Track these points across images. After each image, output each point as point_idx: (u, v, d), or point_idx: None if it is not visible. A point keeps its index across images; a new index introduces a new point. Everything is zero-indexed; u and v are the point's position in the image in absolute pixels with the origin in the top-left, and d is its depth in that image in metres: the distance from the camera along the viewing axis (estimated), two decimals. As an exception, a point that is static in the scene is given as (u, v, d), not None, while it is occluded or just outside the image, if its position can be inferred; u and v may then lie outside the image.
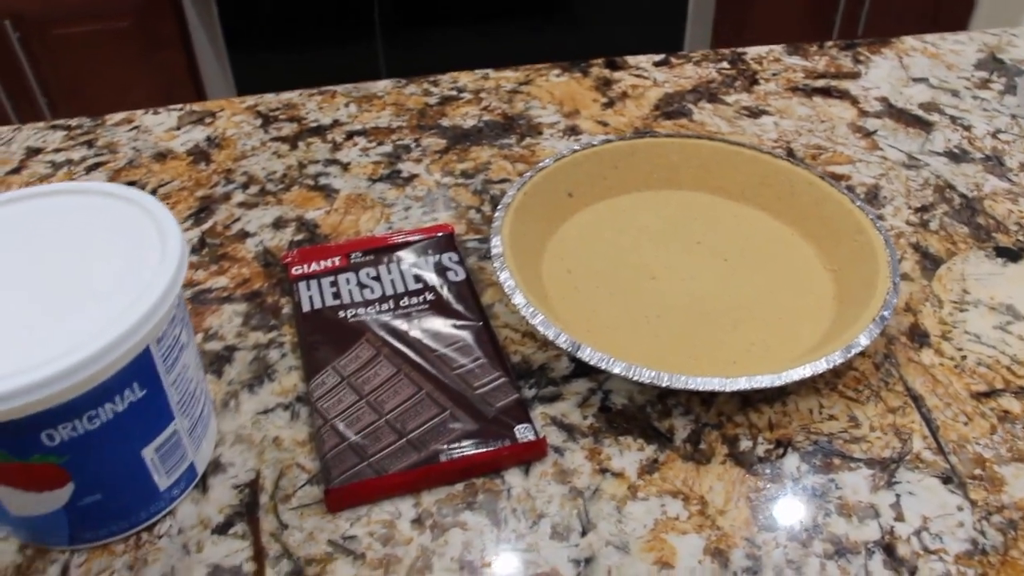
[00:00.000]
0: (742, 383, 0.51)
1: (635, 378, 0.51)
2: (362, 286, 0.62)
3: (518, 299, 0.56)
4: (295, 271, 0.64)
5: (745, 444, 0.53)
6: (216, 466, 0.53)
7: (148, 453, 0.46)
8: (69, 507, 0.45)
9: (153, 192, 0.74)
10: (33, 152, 0.83)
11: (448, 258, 0.65)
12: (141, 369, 0.43)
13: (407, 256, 0.65)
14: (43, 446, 0.41)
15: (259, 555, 0.48)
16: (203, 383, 0.51)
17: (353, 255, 0.65)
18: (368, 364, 0.56)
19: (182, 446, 0.49)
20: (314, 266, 0.64)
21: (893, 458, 0.53)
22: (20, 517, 0.45)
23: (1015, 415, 0.55)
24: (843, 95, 0.86)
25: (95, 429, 0.42)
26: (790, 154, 0.77)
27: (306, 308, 0.61)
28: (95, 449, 0.43)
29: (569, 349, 0.53)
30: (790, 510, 0.50)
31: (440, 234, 0.67)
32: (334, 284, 0.62)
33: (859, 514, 0.50)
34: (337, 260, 0.64)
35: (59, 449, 0.42)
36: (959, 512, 0.50)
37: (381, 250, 0.65)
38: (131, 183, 0.75)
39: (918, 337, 0.60)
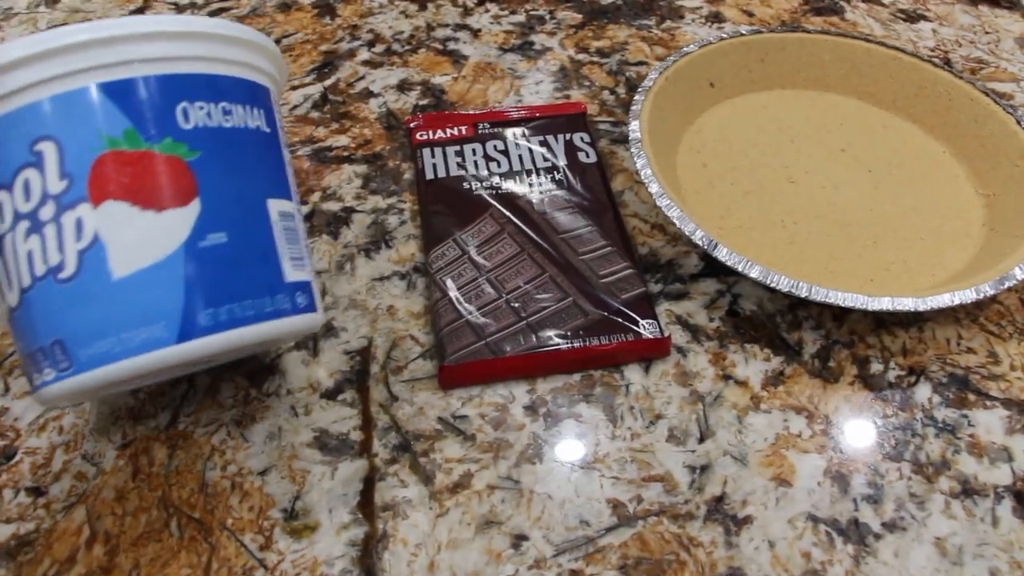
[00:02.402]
0: (885, 303, 0.48)
1: (772, 284, 0.49)
2: (488, 158, 0.60)
3: (654, 188, 0.53)
4: (419, 136, 0.62)
5: (876, 367, 0.51)
6: (328, 329, 0.52)
7: (273, 211, 0.40)
8: (189, 247, 0.37)
9: (276, 43, 0.72)
10: (159, -13, 0.81)
11: (580, 138, 0.62)
12: (264, 103, 0.42)
13: (537, 132, 0.62)
14: (176, 126, 0.37)
15: (367, 425, 0.47)
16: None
17: (480, 125, 0.62)
18: (491, 240, 0.54)
19: (301, 241, 0.43)
20: (439, 133, 0.62)
21: (1034, 401, 0.50)
22: (124, 280, 0.36)
23: None
24: (1013, 6, 0.80)
25: (228, 128, 0.39)
26: (948, 65, 0.71)
27: (429, 176, 0.59)
28: (225, 156, 0.39)
29: (705, 247, 0.50)
30: (917, 441, 0.48)
31: (572, 112, 0.64)
32: (459, 154, 0.60)
33: (991, 455, 0.47)
34: (464, 129, 0.62)
35: (191, 136, 0.37)
36: (1101, 466, 0.47)
37: (510, 123, 0.63)
38: (258, 28, 0.73)
39: (1072, 276, 0.56)
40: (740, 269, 0.49)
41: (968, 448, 0.47)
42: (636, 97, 0.59)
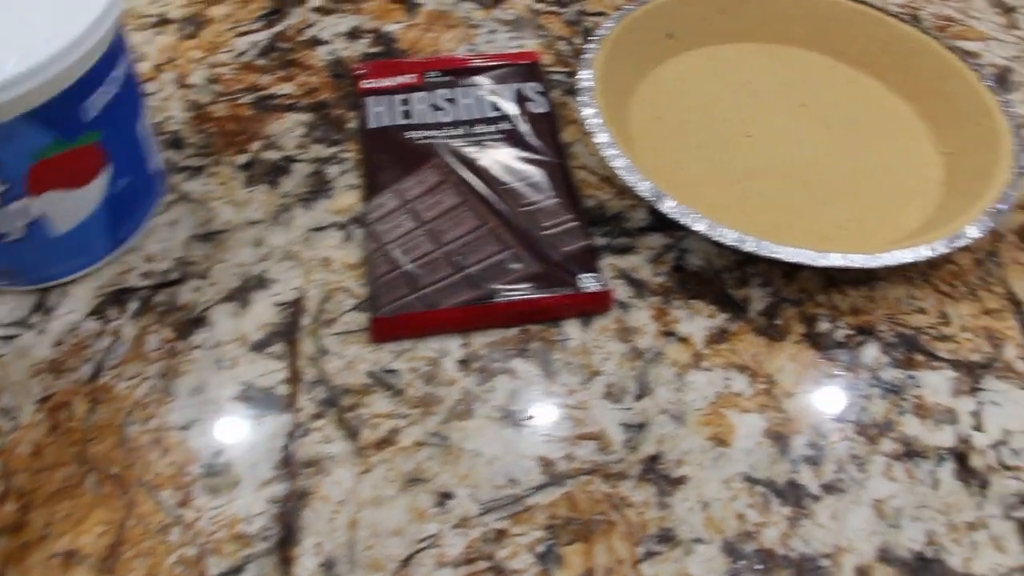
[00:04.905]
0: (835, 259, 0.47)
1: (717, 238, 0.47)
2: (435, 108, 0.58)
3: (601, 138, 0.51)
4: (365, 85, 0.60)
5: (824, 326, 0.49)
6: (260, 281, 0.50)
7: (140, 131, 0.49)
8: (107, 197, 0.48)
9: (227, -16, 0.70)
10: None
11: (531, 88, 0.60)
12: (121, 45, 0.46)
13: (487, 81, 0.60)
14: (83, 122, 0.43)
15: (294, 378, 0.46)
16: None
17: (429, 74, 0.60)
18: (432, 190, 0.52)
19: (151, 143, 0.52)
20: (386, 81, 0.60)
21: (981, 363, 0.48)
22: (62, 235, 0.47)
23: None
24: (985, -37, 0.78)
25: (118, 93, 0.45)
26: (916, 22, 0.70)
27: (372, 125, 0.57)
28: (119, 118, 0.46)
29: (650, 199, 0.49)
30: (862, 402, 0.46)
31: (525, 62, 0.62)
32: (406, 103, 0.58)
33: (935, 417, 0.46)
34: (413, 78, 0.60)
35: (96, 122, 0.44)
36: (1047, 430, 0.46)
37: (459, 72, 0.61)
38: (205, -29, 0.71)
39: (1030, 237, 0.55)
40: (685, 223, 0.48)
41: (913, 410, 0.46)
42: (589, 45, 0.57)
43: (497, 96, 0.59)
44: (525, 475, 0.43)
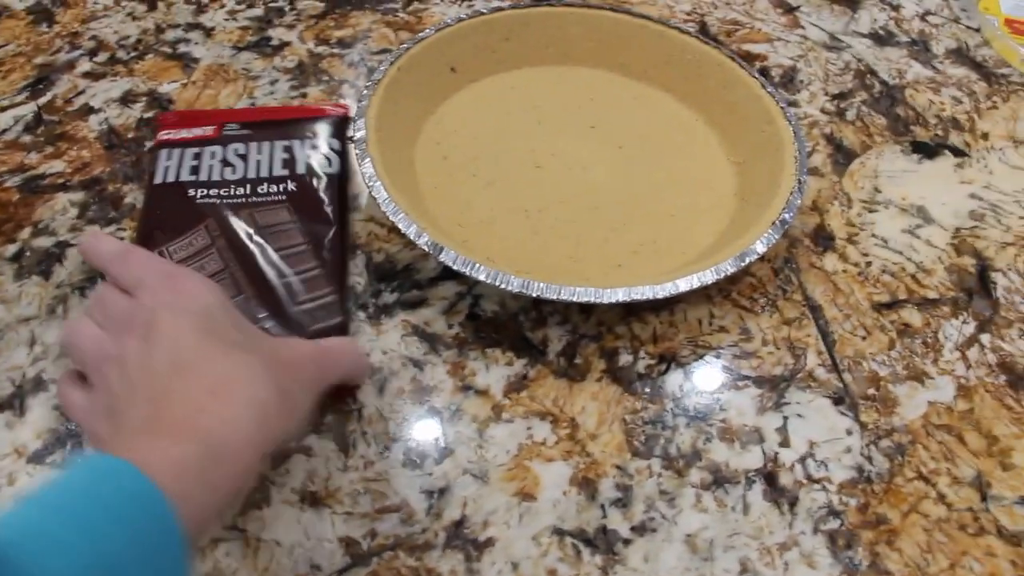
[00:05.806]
0: (619, 295, 0.46)
1: (501, 286, 0.46)
2: (225, 164, 0.55)
3: (379, 192, 0.50)
4: (162, 136, 0.57)
5: (625, 358, 0.49)
6: (36, 384, 0.47)
7: None
8: None
9: (-16, 57, 0.66)
10: None
11: (330, 144, 0.57)
12: None
13: (284, 135, 0.57)
14: None
15: (75, 484, 0.43)
16: None
17: (228, 126, 0.57)
18: (197, 255, 0.50)
19: None
20: (184, 132, 0.56)
21: (784, 376, 0.49)
22: None
23: (915, 329, 0.51)
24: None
25: None
26: (703, 30, 0.70)
27: (159, 180, 0.54)
28: None
29: (430, 251, 0.47)
30: (668, 435, 0.46)
31: (332, 115, 0.59)
32: (197, 156, 0.55)
33: (742, 439, 0.46)
34: (211, 130, 0.57)
35: None
36: (847, 436, 0.46)
37: (261, 125, 0.58)
38: (-43, 46, 0.66)
39: (822, 240, 0.56)
40: (467, 272, 0.46)
41: (720, 434, 0.46)
42: (364, 92, 0.56)
43: (292, 152, 0.56)
44: (328, 559, 0.41)
